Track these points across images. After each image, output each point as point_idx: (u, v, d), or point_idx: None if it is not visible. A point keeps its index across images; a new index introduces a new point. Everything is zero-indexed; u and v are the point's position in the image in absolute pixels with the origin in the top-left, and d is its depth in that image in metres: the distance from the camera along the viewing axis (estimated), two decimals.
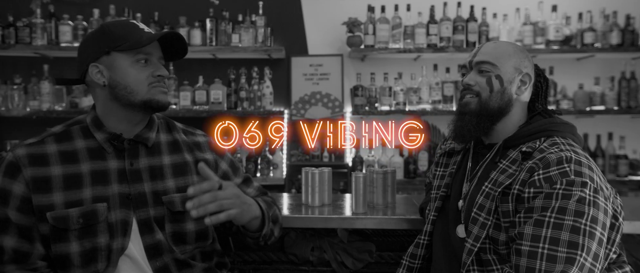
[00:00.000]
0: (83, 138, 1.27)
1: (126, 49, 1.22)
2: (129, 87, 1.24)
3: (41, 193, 1.19)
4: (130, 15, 3.38)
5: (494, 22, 3.36)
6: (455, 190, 1.38)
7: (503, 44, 1.36)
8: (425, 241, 1.42)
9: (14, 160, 1.20)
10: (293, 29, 3.57)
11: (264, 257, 1.74)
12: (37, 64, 3.44)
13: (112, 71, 1.23)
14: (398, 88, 3.39)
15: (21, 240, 1.19)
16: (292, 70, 3.52)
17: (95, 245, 1.21)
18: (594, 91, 3.41)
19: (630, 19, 3.34)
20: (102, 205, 1.22)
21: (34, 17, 3.30)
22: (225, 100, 3.36)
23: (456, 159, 1.44)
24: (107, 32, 1.23)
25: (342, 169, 3.36)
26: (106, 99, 1.27)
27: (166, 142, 1.37)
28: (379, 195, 1.81)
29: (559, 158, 1.15)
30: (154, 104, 1.26)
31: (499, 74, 1.30)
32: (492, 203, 1.22)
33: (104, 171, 1.25)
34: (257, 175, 3.34)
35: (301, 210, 1.75)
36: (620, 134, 3.45)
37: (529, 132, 1.28)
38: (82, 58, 1.26)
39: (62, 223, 1.19)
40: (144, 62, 1.26)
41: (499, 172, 1.25)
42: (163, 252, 1.28)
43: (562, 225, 1.08)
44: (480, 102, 1.31)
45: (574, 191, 1.10)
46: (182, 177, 1.35)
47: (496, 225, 1.22)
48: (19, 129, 3.48)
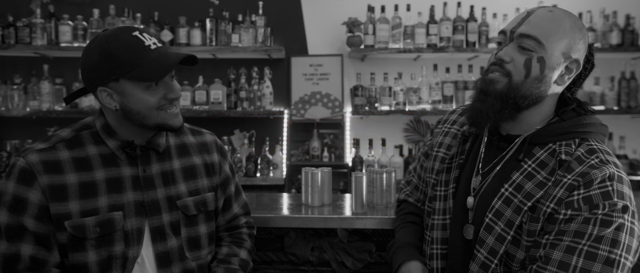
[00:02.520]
0: (94, 145, 1.23)
1: (134, 79, 1.15)
2: (141, 113, 1.19)
3: (58, 201, 1.15)
4: (130, 15, 3.38)
5: (494, 22, 3.36)
6: (463, 185, 1.20)
7: (560, 16, 1.09)
8: (442, 250, 1.23)
9: (27, 166, 1.15)
10: (293, 29, 3.57)
11: (264, 257, 1.74)
12: (37, 64, 3.44)
13: (123, 97, 1.18)
14: (398, 88, 3.39)
15: (39, 248, 1.15)
16: (292, 70, 3.52)
17: (111, 254, 1.19)
18: (593, 91, 3.41)
19: (630, 19, 3.35)
20: (118, 214, 1.20)
21: (34, 17, 3.30)
22: (225, 100, 3.36)
23: (464, 147, 1.24)
24: (113, 58, 1.14)
25: (342, 169, 3.36)
26: (118, 117, 1.23)
27: (175, 145, 1.36)
28: (379, 195, 1.81)
29: (603, 177, 1.01)
30: (168, 128, 1.24)
31: (542, 57, 1.07)
32: (516, 216, 1.07)
33: (118, 178, 1.23)
34: (257, 175, 3.34)
35: (301, 210, 1.75)
36: (620, 134, 3.45)
37: (562, 130, 1.09)
38: (89, 80, 1.20)
39: (80, 233, 1.16)
40: (155, 85, 1.19)
41: (524, 175, 1.09)
42: (173, 261, 1.27)
43: (596, 256, 0.98)
44: (510, 84, 1.08)
45: (615, 218, 0.99)
46: (192, 181, 1.34)
47: (515, 241, 1.08)
48: (19, 129, 3.48)
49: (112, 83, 1.17)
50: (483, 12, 3.37)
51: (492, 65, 1.12)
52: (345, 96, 3.53)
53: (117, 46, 1.14)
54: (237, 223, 1.48)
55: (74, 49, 3.29)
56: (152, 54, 1.16)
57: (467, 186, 1.19)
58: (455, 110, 1.36)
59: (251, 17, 3.37)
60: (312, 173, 1.80)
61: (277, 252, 1.75)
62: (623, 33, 3.32)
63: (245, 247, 1.44)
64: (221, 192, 1.42)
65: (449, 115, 1.35)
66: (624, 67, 3.42)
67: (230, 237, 1.46)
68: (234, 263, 1.38)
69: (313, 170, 1.81)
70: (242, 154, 3.38)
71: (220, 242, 1.45)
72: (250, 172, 3.30)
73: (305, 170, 1.82)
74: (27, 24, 3.28)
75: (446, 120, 1.35)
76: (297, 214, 1.69)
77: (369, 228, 1.70)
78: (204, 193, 1.35)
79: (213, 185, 1.39)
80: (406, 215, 1.45)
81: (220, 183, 1.41)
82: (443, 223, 1.24)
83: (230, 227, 1.47)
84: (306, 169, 1.83)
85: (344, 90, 3.51)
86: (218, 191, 1.41)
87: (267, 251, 1.74)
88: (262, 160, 3.35)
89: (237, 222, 1.48)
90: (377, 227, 1.67)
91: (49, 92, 3.34)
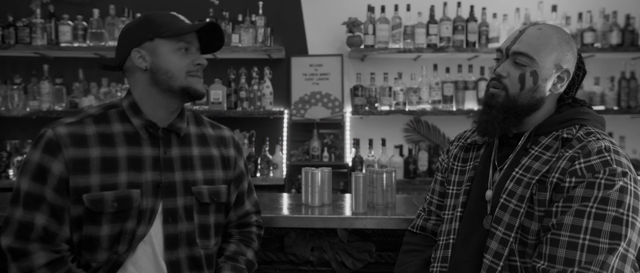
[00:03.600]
0: (120, 123, 1.29)
1: (169, 35, 1.26)
2: (170, 72, 1.27)
3: (79, 174, 1.20)
4: (130, 15, 3.38)
5: (494, 22, 3.36)
6: (479, 182, 1.31)
7: (548, 33, 1.23)
8: (453, 240, 1.31)
9: (54, 138, 1.20)
10: (293, 29, 3.57)
11: (264, 257, 1.74)
12: (37, 64, 3.44)
13: (154, 56, 1.27)
14: (398, 88, 3.39)
15: (51, 220, 1.19)
16: (292, 70, 3.52)
17: (123, 229, 1.23)
18: (594, 91, 3.41)
19: (630, 19, 3.34)
20: (136, 192, 1.24)
21: (34, 17, 3.30)
22: (225, 100, 3.36)
23: (478, 153, 1.37)
24: (151, 19, 1.29)
25: (342, 169, 3.36)
26: (146, 84, 1.29)
27: (195, 134, 1.41)
28: (379, 195, 1.81)
29: (599, 148, 1.13)
30: (192, 91, 1.30)
31: (535, 70, 1.20)
32: (526, 191, 1.17)
33: (139, 157, 1.27)
34: (257, 175, 3.34)
35: (301, 210, 1.76)
36: (620, 134, 3.45)
37: (563, 119, 1.23)
38: (124, 44, 1.29)
39: (98, 206, 1.20)
40: (185, 50, 1.30)
41: (532, 159, 1.20)
42: (180, 245, 1.30)
43: (605, 216, 1.06)
44: (507, 96, 1.23)
45: (616, 181, 1.08)
46: (209, 170, 1.38)
47: (528, 214, 1.17)
48: (19, 129, 3.48)
49: (147, 43, 1.27)
50: (483, 12, 3.37)
51: (492, 81, 1.27)
52: (345, 96, 3.53)
53: (155, 13, 1.32)
54: (248, 220, 1.50)
55: (74, 49, 3.28)
56: (184, 21, 1.33)
57: (483, 182, 1.30)
58: (468, 129, 1.49)
59: (251, 17, 3.37)
60: (312, 173, 1.80)
61: (277, 252, 1.75)
62: (623, 33, 3.32)
63: (253, 247, 1.47)
64: (234, 187, 1.45)
65: (464, 133, 1.48)
66: (624, 67, 3.42)
67: (240, 235, 1.47)
68: (241, 262, 1.40)
69: (313, 170, 1.81)
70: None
71: (229, 239, 1.46)
72: (250, 172, 3.29)
73: (305, 170, 1.82)
74: (27, 24, 3.28)
75: (461, 136, 1.48)
76: (297, 214, 1.69)
77: (369, 228, 1.70)
78: (219, 185, 1.39)
79: (227, 179, 1.43)
80: (407, 253, 1.47)
81: (234, 177, 1.45)
82: (451, 217, 1.34)
83: (241, 223, 1.49)
84: (306, 169, 1.83)
85: (344, 90, 3.51)
86: (231, 185, 1.44)
87: (267, 251, 1.74)
88: (262, 160, 3.35)
89: (248, 218, 1.50)
90: (377, 227, 1.67)
91: (49, 92, 3.34)
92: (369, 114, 3.37)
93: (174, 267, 1.29)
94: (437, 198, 1.47)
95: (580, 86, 1.32)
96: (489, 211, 1.25)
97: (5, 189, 3.05)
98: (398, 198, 1.98)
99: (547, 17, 3.35)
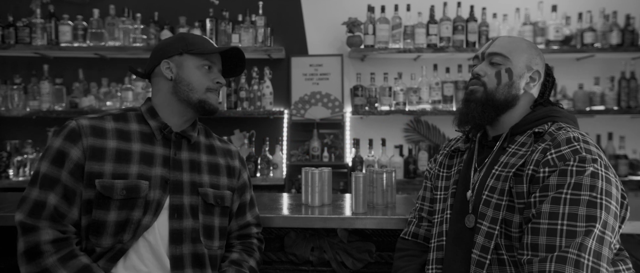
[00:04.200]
0: (137, 123, 1.42)
1: (197, 52, 1.41)
2: (191, 84, 1.41)
3: (95, 161, 1.30)
4: (130, 15, 3.38)
5: (494, 22, 3.36)
6: (462, 184, 1.38)
7: (517, 39, 1.38)
8: (444, 242, 1.37)
9: (76, 128, 1.32)
10: (293, 29, 3.57)
11: (263, 257, 1.74)
12: (37, 64, 3.44)
13: (180, 69, 1.42)
14: (398, 88, 3.39)
15: (62, 201, 1.27)
16: (292, 70, 3.52)
17: (129, 217, 1.31)
18: (593, 91, 3.41)
19: (630, 19, 3.35)
20: (144, 183, 1.33)
21: (34, 17, 3.30)
22: (225, 100, 3.36)
23: (461, 158, 1.45)
24: (185, 37, 1.45)
25: (342, 169, 3.36)
26: (167, 91, 1.43)
27: (204, 144, 1.52)
28: (379, 195, 1.81)
29: (567, 138, 1.19)
30: (207, 106, 1.43)
31: (509, 68, 1.32)
32: (505, 184, 1.23)
33: (151, 154, 1.38)
34: (257, 175, 3.35)
35: (301, 210, 1.76)
36: (620, 134, 3.45)
37: (535, 117, 1.31)
38: (157, 55, 1.44)
39: (108, 192, 1.29)
40: (208, 68, 1.44)
41: (509, 156, 1.27)
42: (185, 241, 1.36)
43: (579, 201, 1.10)
44: (485, 92, 1.33)
45: (587, 167, 1.13)
46: (215, 176, 1.48)
47: (509, 207, 1.23)
48: (19, 129, 3.48)
49: (176, 56, 1.42)
50: (483, 12, 3.37)
51: (472, 80, 1.38)
52: (345, 96, 3.53)
53: (190, 34, 1.49)
54: (248, 232, 1.55)
55: (74, 49, 3.29)
56: (213, 44, 1.48)
57: (465, 183, 1.37)
58: (453, 138, 1.57)
59: (251, 17, 3.37)
60: (312, 173, 1.80)
61: (277, 252, 1.75)
62: (623, 33, 3.32)
63: (255, 257, 1.52)
64: (237, 196, 1.54)
65: (448, 142, 1.56)
66: (624, 67, 3.42)
67: (242, 245, 1.53)
68: (245, 268, 1.46)
69: (313, 170, 1.81)
70: (242, 154, 3.37)
71: (231, 249, 1.51)
72: (250, 172, 3.30)
73: (305, 170, 1.82)
74: (27, 24, 3.28)
75: (446, 146, 1.55)
76: (297, 214, 1.69)
77: (369, 228, 1.70)
78: (224, 190, 1.48)
79: (232, 186, 1.52)
80: (402, 258, 1.50)
81: (238, 187, 1.54)
82: (441, 220, 1.40)
83: (242, 234, 1.54)
84: (306, 169, 1.83)
85: (344, 90, 3.51)
86: (235, 194, 1.52)
87: (267, 251, 1.74)
88: (262, 160, 3.35)
89: (248, 230, 1.55)
90: (377, 227, 1.67)
91: (48, 92, 3.34)
92: (369, 113, 3.37)
93: (177, 262, 1.34)
94: (428, 205, 1.52)
95: (551, 95, 1.41)
96: (470, 210, 1.31)
97: (5, 189, 3.03)
98: (398, 198, 1.98)
99: (547, 17, 3.35)
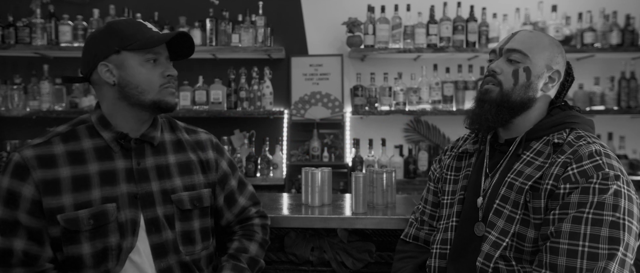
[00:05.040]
0: (90, 138, 1.26)
1: (137, 48, 1.22)
2: (140, 86, 1.24)
3: (51, 195, 1.18)
4: (130, 15, 3.38)
5: (494, 22, 3.36)
6: (472, 190, 1.31)
7: (539, 35, 1.27)
8: (448, 250, 1.30)
9: (21, 161, 1.18)
10: (293, 29, 3.57)
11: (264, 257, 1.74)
12: (37, 64, 3.44)
13: (122, 70, 1.23)
14: (398, 88, 3.39)
15: (31, 243, 1.17)
16: (292, 70, 3.52)
17: (106, 245, 1.21)
18: (593, 91, 3.41)
19: (630, 19, 3.34)
20: (111, 206, 1.22)
21: (34, 17, 3.30)
22: (225, 100, 3.36)
23: (470, 161, 1.37)
24: (116, 30, 1.23)
25: (342, 169, 3.36)
26: (114, 98, 1.26)
27: (170, 141, 1.38)
28: (379, 195, 1.81)
29: (590, 152, 1.13)
30: (163, 105, 1.27)
31: (528, 67, 1.23)
32: (520, 196, 1.17)
33: (111, 171, 1.25)
34: (257, 175, 3.34)
35: (301, 210, 1.76)
36: (620, 134, 3.46)
37: (553, 123, 1.23)
38: (90, 56, 1.25)
39: (74, 225, 1.18)
40: (154, 62, 1.26)
41: (524, 164, 1.20)
42: (168, 253, 1.28)
43: (602, 221, 1.06)
44: (501, 92, 1.24)
45: (610, 184, 1.08)
46: (188, 176, 1.36)
47: (524, 221, 1.17)
48: (19, 129, 3.48)
49: (113, 55, 1.23)
50: (483, 12, 3.37)
51: (487, 77, 1.28)
52: (345, 96, 3.53)
53: (121, 22, 1.26)
54: (247, 215, 1.49)
55: (74, 49, 3.28)
56: (152, 31, 1.27)
57: (475, 189, 1.30)
58: (460, 138, 1.48)
59: (251, 17, 3.37)
60: (312, 173, 1.80)
61: (277, 252, 1.75)
62: (623, 33, 3.32)
63: (256, 240, 1.44)
64: (220, 189, 1.43)
65: (456, 142, 1.48)
66: (624, 67, 3.42)
67: (242, 230, 1.46)
68: (243, 261, 1.39)
69: (313, 170, 1.81)
70: (242, 154, 3.38)
71: (232, 236, 1.45)
72: (250, 172, 3.30)
73: (305, 170, 1.82)
74: (27, 24, 3.28)
75: (453, 146, 1.47)
76: (297, 214, 1.69)
77: (369, 228, 1.70)
78: (200, 189, 1.37)
79: (209, 182, 1.40)
80: (402, 259, 1.47)
81: (218, 180, 1.43)
82: (446, 226, 1.33)
83: (242, 219, 1.48)
84: (306, 169, 1.83)
85: (344, 90, 3.51)
86: (216, 188, 1.42)
87: (267, 251, 1.74)
88: (262, 160, 3.35)
89: (247, 213, 1.49)
90: (377, 227, 1.67)
91: (49, 92, 3.34)
92: (369, 113, 3.37)
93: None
94: (430, 208, 1.47)
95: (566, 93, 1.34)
96: (480, 218, 1.25)
97: None
98: (398, 198, 1.98)
99: (547, 17, 3.35)
